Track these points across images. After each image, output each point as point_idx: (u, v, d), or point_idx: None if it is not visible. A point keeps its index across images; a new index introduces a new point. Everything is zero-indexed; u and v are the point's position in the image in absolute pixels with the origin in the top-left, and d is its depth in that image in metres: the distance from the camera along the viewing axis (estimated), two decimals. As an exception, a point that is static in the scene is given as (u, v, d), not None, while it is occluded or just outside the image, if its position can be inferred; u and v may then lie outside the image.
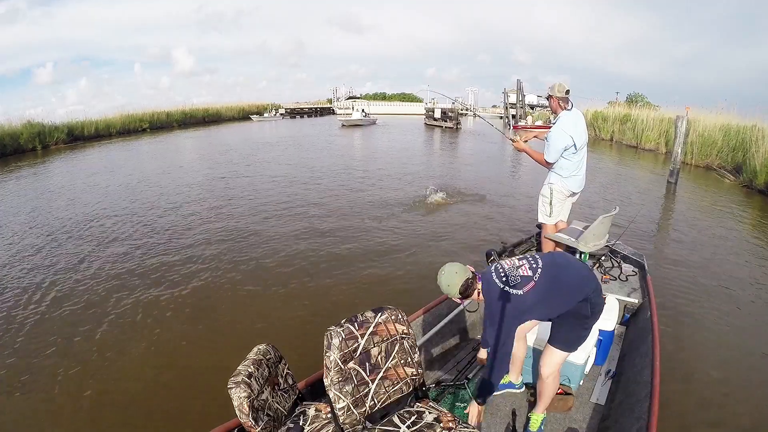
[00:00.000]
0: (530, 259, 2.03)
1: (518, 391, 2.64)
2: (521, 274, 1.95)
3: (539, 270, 1.96)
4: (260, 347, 1.79)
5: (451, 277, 1.97)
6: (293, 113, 50.49)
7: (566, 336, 2.09)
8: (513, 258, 2.09)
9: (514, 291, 1.91)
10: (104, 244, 6.70)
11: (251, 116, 42.90)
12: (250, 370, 1.64)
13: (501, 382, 2.61)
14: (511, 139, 4.07)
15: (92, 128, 24.53)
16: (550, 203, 3.93)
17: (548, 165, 3.79)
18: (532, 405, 2.50)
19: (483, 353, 2.45)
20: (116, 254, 6.24)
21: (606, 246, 4.08)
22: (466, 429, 1.75)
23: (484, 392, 2.02)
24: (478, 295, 2.03)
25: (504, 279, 1.95)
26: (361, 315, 1.81)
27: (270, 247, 6.42)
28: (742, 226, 7.90)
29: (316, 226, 7.47)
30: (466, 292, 1.98)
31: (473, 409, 2.04)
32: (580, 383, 2.63)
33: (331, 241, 6.66)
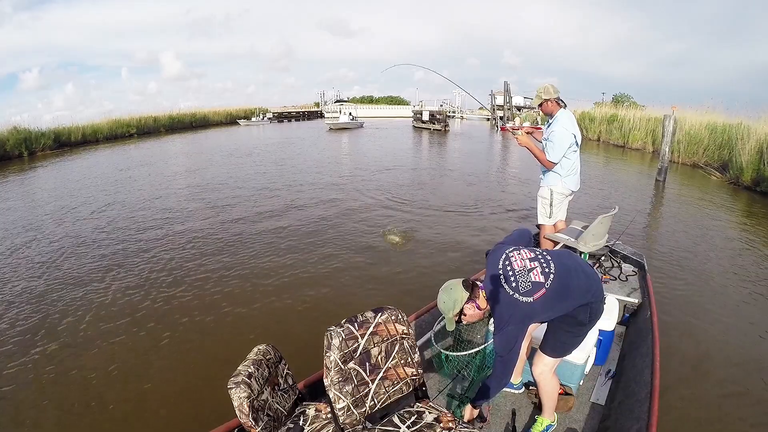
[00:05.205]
0: (542, 261, 1.89)
1: (518, 391, 2.64)
2: (532, 279, 1.82)
3: (551, 276, 1.83)
4: (260, 347, 1.77)
5: (451, 293, 1.88)
6: (281, 117, 50.28)
7: (557, 342, 2.03)
8: (523, 253, 1.92)
9: (525, 299, 1.80)
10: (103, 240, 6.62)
11: (239, 121, 42.77)
12: (250, 370, 1.62)
13: None
14: (513, 132, 3.99)
15: (79, 134, 24.10)
16: (551, 204, 3.89)
17: (551, 165, 3.70)
18: (532, 405, 2.51)
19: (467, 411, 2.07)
20: (121, 251, 6.16)
21: (606, 246, 4.08)
22: (466, 429, 1.75)
23: (481, 397, 1.97)
24: (479, 308, 1.90)
25: (514, 285, 1.81)
26: (361, 315, 1.80)
27: (267, 249, 6.38)
28: (733, 223, 8.01)
29: (312, 225, 7.45)
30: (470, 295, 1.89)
31: (467, 412, 2.02)
32: (580, 383, 2.62)
33: (329, 243, 6.64)
